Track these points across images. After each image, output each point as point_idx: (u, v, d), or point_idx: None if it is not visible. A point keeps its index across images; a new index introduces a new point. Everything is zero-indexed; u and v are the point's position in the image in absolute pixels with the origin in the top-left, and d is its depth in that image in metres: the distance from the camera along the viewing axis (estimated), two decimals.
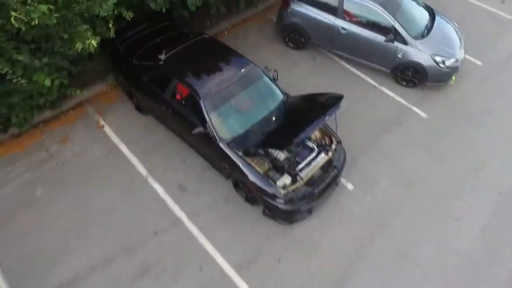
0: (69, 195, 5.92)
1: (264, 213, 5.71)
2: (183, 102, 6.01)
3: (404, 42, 7.26)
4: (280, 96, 6.21)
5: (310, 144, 5.80)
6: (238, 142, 5.61)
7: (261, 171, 5.43)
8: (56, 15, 5.43)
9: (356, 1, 7.34)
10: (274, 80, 6.33)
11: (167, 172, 6.28)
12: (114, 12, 6.05)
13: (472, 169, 6.57)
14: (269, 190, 5.34)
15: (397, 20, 7.20)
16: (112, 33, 6.33)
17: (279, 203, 5.36)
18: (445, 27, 7.77)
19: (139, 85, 6.46)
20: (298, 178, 5.42)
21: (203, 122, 5.64)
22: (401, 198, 6.17)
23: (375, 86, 7.85)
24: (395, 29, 7.20)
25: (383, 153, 6.74)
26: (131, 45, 6.75)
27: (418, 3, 7.86)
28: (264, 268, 5.31)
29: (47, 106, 6.83)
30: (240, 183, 5.80)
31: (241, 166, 5.49)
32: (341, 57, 8.20)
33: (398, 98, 7.64)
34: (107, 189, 6.03)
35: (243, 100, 5.96)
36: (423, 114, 7.39)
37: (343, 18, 7.55)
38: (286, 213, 5.51)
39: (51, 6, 5.15)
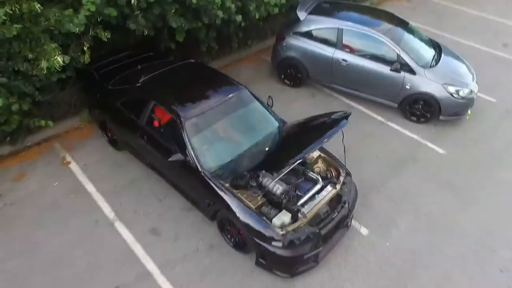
0: (12, 241, 4.72)
1: (257, 262, 4.47)
2: (161, 130, 5.10)
3: (412, 71, 6.61)
4: (275, 123, 5.33)
5: (313, 175, 4.76)
6: (224, 172, 4.58)
7: (252, 206, 4.31)
8: (17, 26, 4.78)
9: (356, 30, 6.85)
10: (268, 106, 5.50)
11: (139, 214, 5.14)
12: (89, 32, 5.45)
13: (511, 209, 5.45)
14: (263, 230, 4.18)
15: (401, 49, 6.63)
16: (87, 58, 5.65)
17: (277, 248, 4.17)
18: (454, 59, 7.20)
19: (113, 113, 5.60)
20: (299, 215, 4.29)
21: (183, 148, 4.67)
22: (429, 244, 4.96)
23: (382, 122, 7.03)
24: (401, 58, 6.59)
25: (400, 191, 5.66)
26: (108, 73, 6.01)
27: (422, 36, 7.39)
28: None
29: (7, 141, 5.92)
30: (227, 224, 4.64)
31: (227, 200, 4.39)
32: (342, 93, 7.51)
33: (409, 134, 6.76)
34: (62, 234, 4.84)
35: (231, 125, 5.07)
36: (440, 150, 6.45)
37: (343, 49, 7.00)
38: (286, 262, 4.28)
39: (9, 11, 4.51)
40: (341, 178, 4.79)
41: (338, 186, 4.69)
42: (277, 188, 4.48)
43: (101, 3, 5.08)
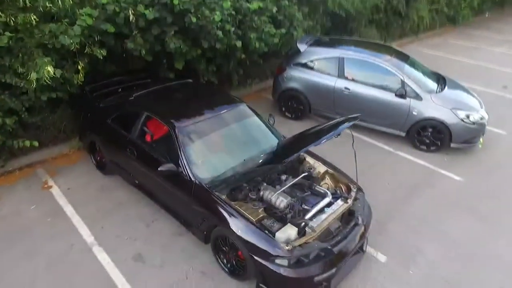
0: None
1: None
2: (153, 145, 4.68)
3: (418, 97, 6.37)
4: (275, 138, 4.92)
5: (320, 189, 4.23)
6: (219, 183, 4.05)
7: (252, 218, 3.71)
8: (9, 34, 4.61)
9: (357, 58, 6.77)
10: (269, 124, 5.14)
11: (122, 239, 4.48)
12: (85, 50, 5.30)
13: None
14: (264, 245, 3.54)
15: (405, 75, 6.47)
16: (81, 77, 5.44)
17: (281, 267, 3.49)
18: (460, 88, 7.02)
19: (103, 130, 5.21)
20: (307, 229, 3.68)
21: (175, 158, 4.20)
22: (460, 272, 4.24)
23: (390, 152, 6.61)
24: (405, 84, 6.40)
25: (418, 218, 5.04)
26: (102, 94, 5.73)
27: (424, 68, 7.29)
28: None
29: None
30: (222, 244, 3.98)
31: (223, 213, 3.81)
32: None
33: (421, 162, 6.30)
34: (30, 259, 4.15)
35: (227, 137, 4.66)
36: (456, 177, 5.93)
37: (345, 78, 6.85)
38: (293, 285, 3.55)
39: (3, 20, 4.37)
40: (353, 194, 4.24)
41: (349, 201, 4.12)
42: (281, 201, 3.92)
43: (98, 18, 4.99)
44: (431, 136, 6.45)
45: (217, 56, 7.00)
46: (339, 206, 4.02)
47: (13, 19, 4.76)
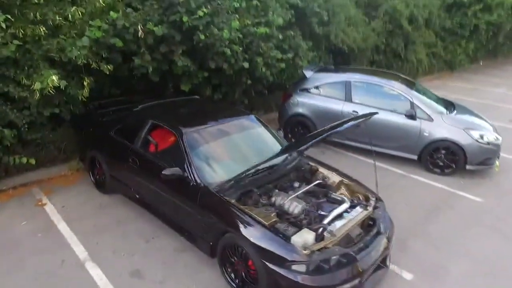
0: None
1: None
2: (157, 155, 4.43)
3: (429, 118, 6.23)
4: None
5: (337, 196, 3.91)
6: (228, 188, 3.74)
7: (265, 222, 3.36)
8: (17, 42, 4.59)
9: (365, 82, 6.74)
10: (278, 136, 4.94)
11: (119, 254, 4.06)
12: (92, 65, 5.26)
13: None
14: (279, 250, 3.17)
15: (414, 97, 6.40)
16: (86, 92, 5.33)
17: (299, 274, 3.09)
18: (469, 111, 6.91)
19: (105, 143, 5.00)
20: (326, 234, 3.31)
21: (181, 163, 3.94)
22: None
23: (403, 175, 6.31)
24: (415, 105, 6.30)
25: (441, 237, 4.64)
26: (107, 112, 5.60)
27: (431, 93, 7.24)
28: None
29: None
30: (230, 254, 3.56)
31: (233, 217, 3.47)
32: (354, 149, 6.98)
33: (436, 184, 5.98)
34: (15, 274, 3.72)
35: (235, 144, 4.43)
36: (476, 198, 5.58)
37: (353, 102, 6.77)
38: None
39: (8, 16, 4.36)
40: (372, 202, 3.91)
41: (369, 208, 3.78)
42: (295, 206, 3.59)
43: (107, 32, 5.00)
44: (445, 158, 6.20)
45: (223, 85, 7.00)
46: (359, 212, 3.68)
47: (22, 31, 4.77)
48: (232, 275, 3.61)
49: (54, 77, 4.65)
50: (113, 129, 4.94)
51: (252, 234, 3.30)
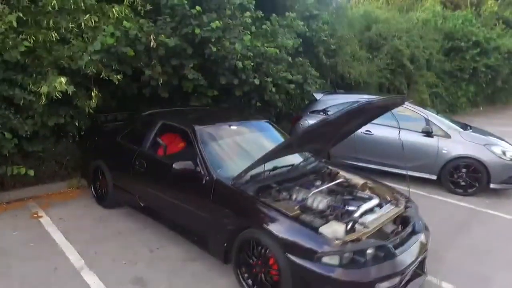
0: None
1: None
2: (166, 158, 4.14)
3: (446, 134, 6.00)
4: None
5: (363, 194, 3.55)
6: (244, 182, 3.40)
7: (289, 213, 2.98)
8: (27, 44, 4.52)
9: None
10: None
11: (119, 263, 3.60)
12: (101, 74, 5.16)
13: None
14: (307, 242, 2.77)
15: (428, 114, 6.23)
16: (94, 103, 5.17)
17: (331, 267, 2.66)
18: (485, 131, 6.69)
19: (111, 150, 4.74)
20: (357, 226, 2.92)
21: (194, 158, 3.64)
22: None
23: (424, 195, 5.92)
24: (430, 122, 6.11)
25: (478, 249, 4.19)
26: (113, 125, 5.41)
27: (441, 114, 7.09)
28: None
29: None
30: (248, 254, 3.12)
31: (253, 209, 3.11)
32: (369, 170, 6.64)
33: (462, 204, 5.58)
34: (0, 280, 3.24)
35: (248, 143, 4.14)
36: (507, 216, 5.17)
37: None
38: None
39: (20, 15, 4.32)
40: (402, 201, 3.54)
41: (401, 206, 3.41)
42: (319, 201, 3.23)
43: (119, 40, 4.96)
44: (467, 177, 5.86)
45: (231, 107, 6.90)
46: (391, 210, 3.31)
47: (33, 37, 4.73)
48: (250, 281, 3.14)
49: (63, 79, 4.51)
50: (120, 134, 4.69)
51: (274, 226, 2.92)
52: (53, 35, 4.78)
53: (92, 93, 5.18)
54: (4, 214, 4.59)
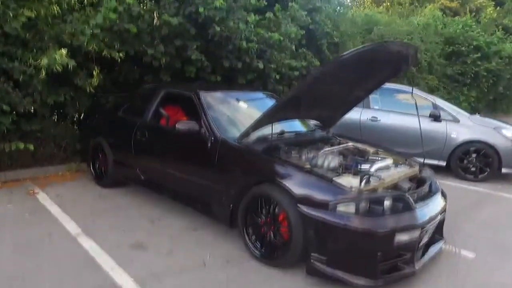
0: None
1: (310, 267, 2.57)
2: (167, 127, 3.99)
3: (454, 119, 5.87)
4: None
5: (375, 156, 3.38)
6: (251, 143, 3.24)
7: (302, 165, 2.82)
8: (28, 14, 4.43)
9: (382, 87, 6.48)
10: None
11: (118, 230, 3.39)
12: (103, 51, 5.05)
13: None
14: (321, 192, 2.59)
15: (435, 99, 6.12)
16: (95, 81, 5.04)
17: (346, 216, 2.47)
18: (492, 118, 6.57)
19: (112, 123, 4.59)
20: (372, 179, 2.74)
21: (198, 120, 3.49)
22: None
23: None
24: (438, 106, 5.98)
25: (495, 223, 4.00)
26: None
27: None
28: None
29: None
30: (255, 214, 2.92)
31: (262, 164, 2.97)
32: None
33: (473, 188, 5.39)
34: None
35: (254, 108, 3.96)
36: None
37: (371, 108, 6.46)
38: (365, 246, 2.44)
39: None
40: (416, 165, 3.37)
41: (416, 168, 3.24)
42: (330, 159, 3.06)
43: (122, 17, 4.88)
44: (477, 162, 5.69)
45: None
46: (405, 169, 3.14)
47: (35, 11, 4.65)
48: (258, 243, 2.94)
49: (63, 50, 4.40)
50: (121, 109, 4.55)
51: (286, 179, 2.74)
52: (55, 9, 4.69)
53: (94, 71, 5.06)
54: None
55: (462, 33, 14.69)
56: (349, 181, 2.68)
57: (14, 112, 4.66)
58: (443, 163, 5.92)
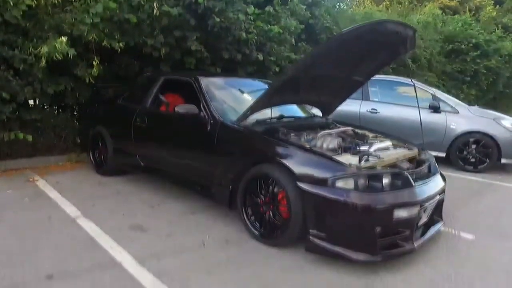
0: None
1: (310, 244, 2.57)
2: (167, 114, 4.00)
3: (453, 110, 5.88)
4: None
5: (374, 139, 3.39)
6: (250, 125, 3.25)
7: (301, 144, 2.84)
8: (29, 2, 4.44)
9: (382, 79, 6.52)
10: None
11: (118, 214, 3.40)
12: (103, 41, 5.06)
13: None
14: (320, 169, 2.59)
15: (435, 90, 6.13)
16: (95, 72, 5.05)
17: (346, 191, 2.48)
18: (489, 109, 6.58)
19: (111, 111, 4.61)
20: (370, 158, 2.75)
21: (197, 103, 3.50)
22: None
23: None
24: (437, 98, 5.99)
25: (494, 209, 4.00)
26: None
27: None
28: None
29: None
30: (255, 193, 2.93)
31: (261, 144, 2.97)
32: None
33: (473, 178, 5.40)
34: None
35: (253, 94, 3.98)
36: None
37: (371, 100, 6.47)
38: (364, 221, 2.45)
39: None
40: (416, 148, 3.37)
41: (415, 150, 3.25)
42: (329, 141, 3.06)
43: (122, 7, 4.90)
44: (477, 153, 5.70)
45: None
46: (404, 151, 3.15)
47: (35, 1, 4.66)
48: (257, 223, 2.94)
49: (63, 38, 4.41)
50: (121, 97, 4.56)
51: (285, 157, 2.74)
52: None
53: (94, 62, 5.08)
54: None
55: (462, 31, 14.71)
56: (348, 159, 2.69)
57: (14, 101, 4.67)
58: (443, 154, 5.92)
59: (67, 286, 2.22)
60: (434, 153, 5.81)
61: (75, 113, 5.69)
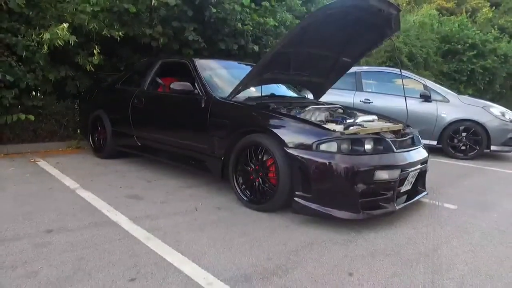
0: None
1: (295, 206, 2.72)
2: (163, 94, 4.16)
3: (444, 99, 6.03)
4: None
5: (362, 114, 3.55)
6: (242, 101, 3.41)
7: (287, 113, 3.00)
8: None
9: (374, 71, 6.70)
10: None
11: (116, 187, 3.54)
12: (103, 31, 5.25)
13: None
14: (306, 135, 2.75)
15: (426, 80, 6.28)
16: (96, 60, 5.22)
17: (329, 154, 2.62)
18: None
19: (110, 96, 4.76)
20: (354, 127, 2.90)
21: (192, 82, 3.67)
22: None
23: None
24: (428, 88, 6.15)
25: (480, 188, 4.12)
26: None
27: None
28: None
29: None
30: (245, 163, 3.08)
31: (253, 115, 3.14)
32: None
33: (462, 163, 5.53)
34: None
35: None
36: (509, 171, 5.11)
37: (364, 91, 6.63)
38: (347, 180, 2.59)
39: None
40: (401, 124, 3.52)
41: (399, 124, 3.39)
42: (317, 114, 3.21)
43: None
44: (467, 140, 5.84)
45: None
46: (389, 124, 3.30)
47: None
48: (247, 191, 3.08)
49: (65, 24, 4.59)
50: (120, 81, 4.73)
51: (274, 126, 2.89)
52: None
53: (94, 50, 5.25)
54: (1, 160, 4.55)
55: (458, 32, 14.91)
56: (333, 127, 2.84)
57: (16, 87, 4.84)
58: (434, 142, 6.06)
59: (65, 237, 2.36)
60: (426, 142, 6.01)
61: (75, 104, 5.83)
